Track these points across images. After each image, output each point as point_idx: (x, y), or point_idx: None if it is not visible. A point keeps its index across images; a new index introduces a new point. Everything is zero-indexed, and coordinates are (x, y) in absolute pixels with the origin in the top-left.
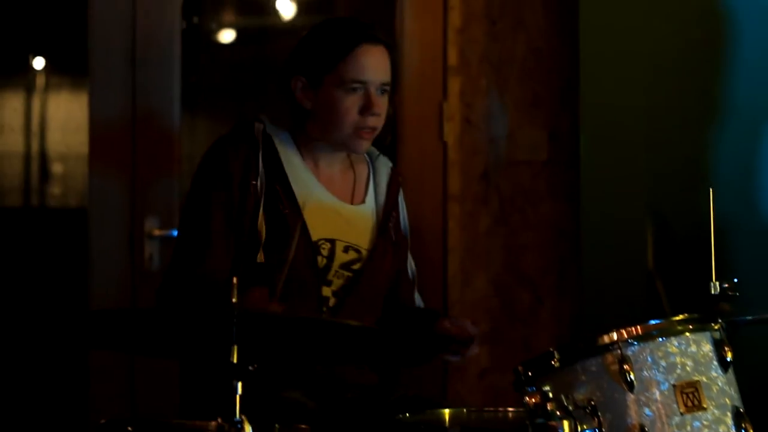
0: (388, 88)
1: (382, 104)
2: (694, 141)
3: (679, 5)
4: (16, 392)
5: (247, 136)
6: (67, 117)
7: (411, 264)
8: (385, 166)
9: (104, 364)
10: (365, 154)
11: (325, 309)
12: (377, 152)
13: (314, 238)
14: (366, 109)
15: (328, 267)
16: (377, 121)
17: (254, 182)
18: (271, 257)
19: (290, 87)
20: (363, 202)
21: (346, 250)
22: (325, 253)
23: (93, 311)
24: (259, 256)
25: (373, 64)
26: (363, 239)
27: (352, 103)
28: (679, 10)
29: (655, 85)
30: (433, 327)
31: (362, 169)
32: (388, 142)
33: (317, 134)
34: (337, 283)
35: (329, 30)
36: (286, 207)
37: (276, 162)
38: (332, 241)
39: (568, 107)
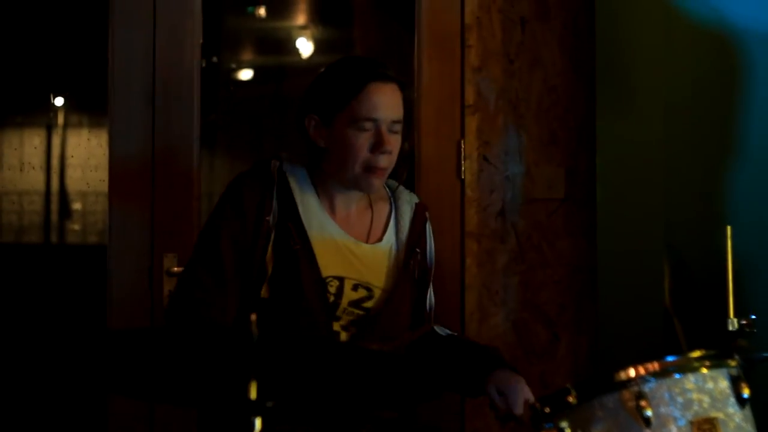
0: (399, 126)
1: (393, 142)
2: (711, 178)
3: (694, 42)
4: None
5: (263, 173)
6: (87, 155)
7: (431, 297)
8: (408, 203)
9: (123, 403)
10: (387, 191)
11: None
12: (396, 185)
13: (324, 274)
14: (377, 147)
15: (336, 304)
16: (388, 160)
17: (267, 218)
18: (280, 292)
19: (305, 125)
20: (380, 240)
21: (355, 288)
22: (332, 290)
23: (111, 330)
24: (263, 290)
25: (384, 102)
26: (376, 277)
27: (363, 141)
28: (695, 48)
29: (671, 123)
30: (486, 377)
31: (382, 208)
32: (403, 178)
33: (332, 172)
34: (347, 319)
35: (340, 69)
36: (297, 243)
37: (289, 199)
38: (341, 279)
39: (585, 145)
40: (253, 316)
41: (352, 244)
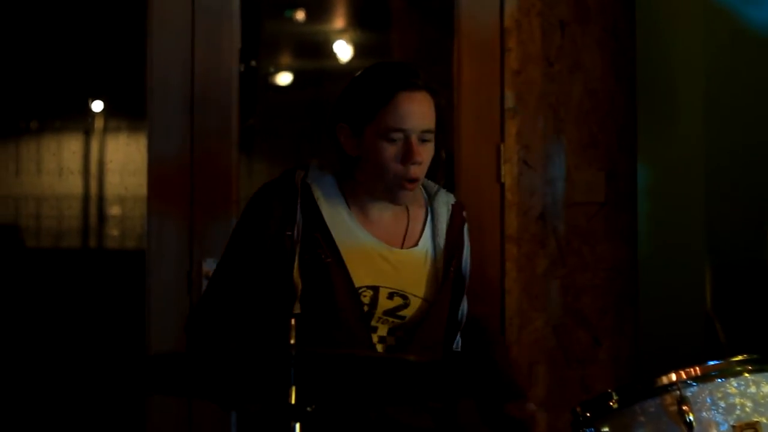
0: (430, 135)
1: (423, 152)
2: (753, 180)
3: (735, 44)
4: None
5: (288, 184)
6: (125, 159)
7: (464, 306)
8: (445, 204)
9: (161, 407)
10: (423, 194)
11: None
12: (436, 187)
13: (357, 284)
14: (407, 158)
15: (370, 314)
16: (419, 171)
17: (289, 233)
18: (313, 307)
19: (335, 134)
20: (416, 245)
21: (390, 296)
22: (366, 300)
23: (150, 356)
24: (295, 306)
25: (413, 112)
26: (412, 284)
27: (392, 152)
28: (736, 49)
29: (712, 125)
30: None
31: (418, 211)
32: (441, 184)
33: (364, 181)
34: (383, 328)
35: (370, 78)
36: (328, 255)
37: (315, 210)
38: (375, 288)
39: (626, 148)
40: (293, 321)
41: (386, 250)
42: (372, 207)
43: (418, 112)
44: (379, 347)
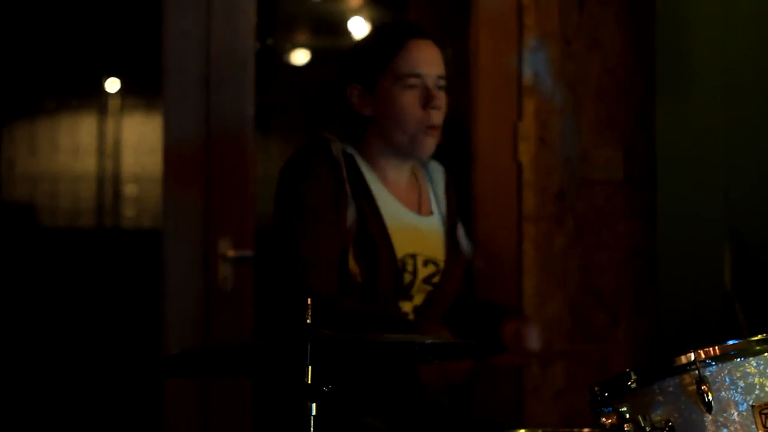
0: (444, 82)
1: (441, 98)
2: None
3: (756, 21)
4: (91, 418)
5: (326, 155)
6: (140, 138)
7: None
8: (438, 171)
9: (178, 390)
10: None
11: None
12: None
13: (400, 254)
14: (427, 102)
15: (412, 283)
16: (439, 116)
17: (345, 206)
18: (361, 276)
19: (346, 97)
20: (431, 212)
21: (425, 264)
22: (410, 269)
23: (167, 356)
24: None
25: (426, 57)
26: (438, 251)
27: (412, 98)
28: (757, 27)
29: (732, 104)
30: (499, 327)
31: (423, 178)
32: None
33: (381, 142)
34: (419, 297)
35: (375, 34)
36: (374, 226)
37: (359, 179)
38: (414, 256)
39: (644, 126)
40: (309, 300)
41: (414, 217)
42: (392, 173)
43: (430, 57)
44: (411, 315)
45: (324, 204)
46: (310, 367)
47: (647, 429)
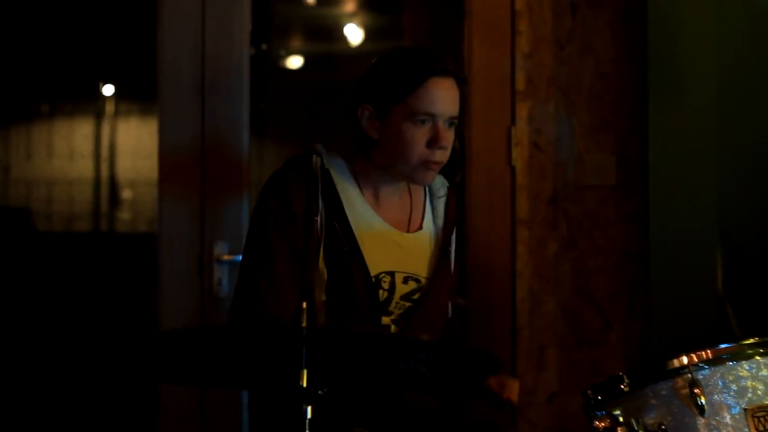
0: (456, 121)
1: (449, 138)
2: (765, 164)
3: (747, 28)
4: (87, 421)
5: (305, 170)
6: (136, 143)
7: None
8: (442, 185)
9: (173, 396)
10: None
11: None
12: None
13: (374, 272)
14: (434, 142)
15: (389, 300)
16: (444, 155)
17: (316, 218)
18: (333, 294)
19: (356, 115)
20: (420, 228)
21: (405, 281)
22: (386, 286)
23: (162, 332)
24: (320, 294)
25: (443, 98)
26: (422, 268)
27: (420, 135)
28: (748, 33)
29: (724, 109)
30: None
31: (418, 194)
32: (458, 180)
33: (382, 164)
34: (397, 312)
35: (400, 60)
36: (344, 244)
37: (334, 197)
38: (392, 274)
39: (636, 131)
40: (304, 304)
41: (397, 235)
42: (383, 190)
43: (447, 98)
44: (393, 328)
45: (290, 231)
46: (305, 371)
47: None
